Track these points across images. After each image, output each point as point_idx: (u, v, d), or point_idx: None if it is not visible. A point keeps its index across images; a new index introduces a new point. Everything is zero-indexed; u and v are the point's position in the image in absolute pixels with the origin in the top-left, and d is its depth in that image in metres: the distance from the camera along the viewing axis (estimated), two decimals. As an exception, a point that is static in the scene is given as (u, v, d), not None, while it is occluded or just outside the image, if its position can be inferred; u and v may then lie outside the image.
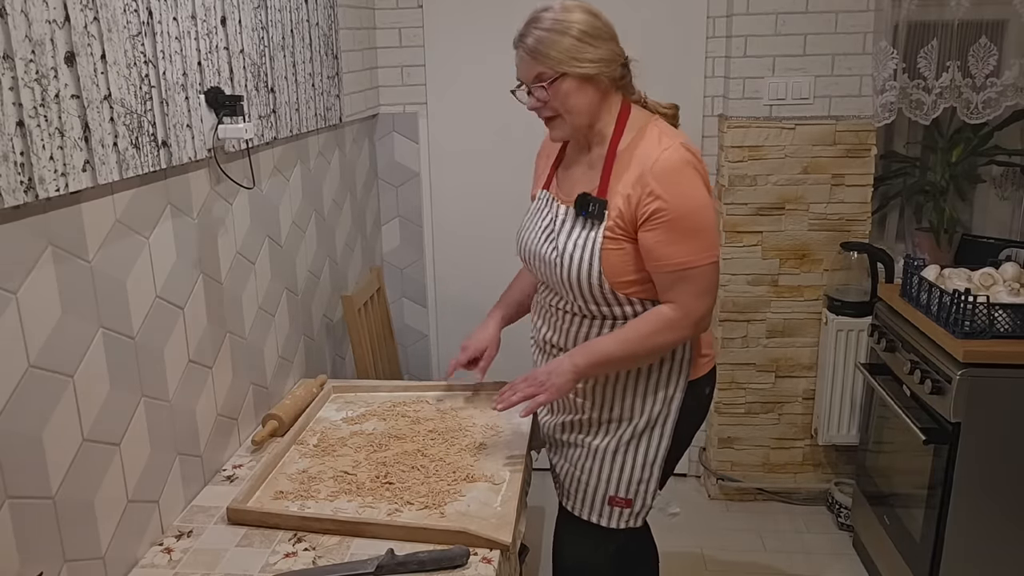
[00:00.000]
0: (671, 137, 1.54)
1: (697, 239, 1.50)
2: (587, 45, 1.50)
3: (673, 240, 1.49)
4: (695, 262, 1.50)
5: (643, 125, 1.57)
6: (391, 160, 3.00)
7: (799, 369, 2.89)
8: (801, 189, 2.73)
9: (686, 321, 1.54)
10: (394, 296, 3.11)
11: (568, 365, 1.57)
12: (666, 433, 1.66)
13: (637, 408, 1.65)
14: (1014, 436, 2.02)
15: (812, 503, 2.96)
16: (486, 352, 1.87)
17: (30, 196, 1.06)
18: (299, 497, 1.54)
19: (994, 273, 2.21)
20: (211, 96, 1.54)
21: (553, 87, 1.51)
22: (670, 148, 1.50)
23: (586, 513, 1.73)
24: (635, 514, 1.71)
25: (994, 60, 2.57)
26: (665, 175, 1.48)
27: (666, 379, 1.64)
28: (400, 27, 2.87)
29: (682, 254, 1.49)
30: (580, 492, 1.73)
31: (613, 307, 1.59)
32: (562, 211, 1.62)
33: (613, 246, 1.54)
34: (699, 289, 1.52)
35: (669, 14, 2.76)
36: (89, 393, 1.22)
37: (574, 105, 1.53)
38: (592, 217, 1.55)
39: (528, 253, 1.69)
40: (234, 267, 1.73)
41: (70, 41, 1.13)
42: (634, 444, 1.66)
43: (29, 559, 1.10)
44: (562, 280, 1.60)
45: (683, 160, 1.50)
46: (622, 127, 1.57)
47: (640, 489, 1.68)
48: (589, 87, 1.53)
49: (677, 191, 1.48)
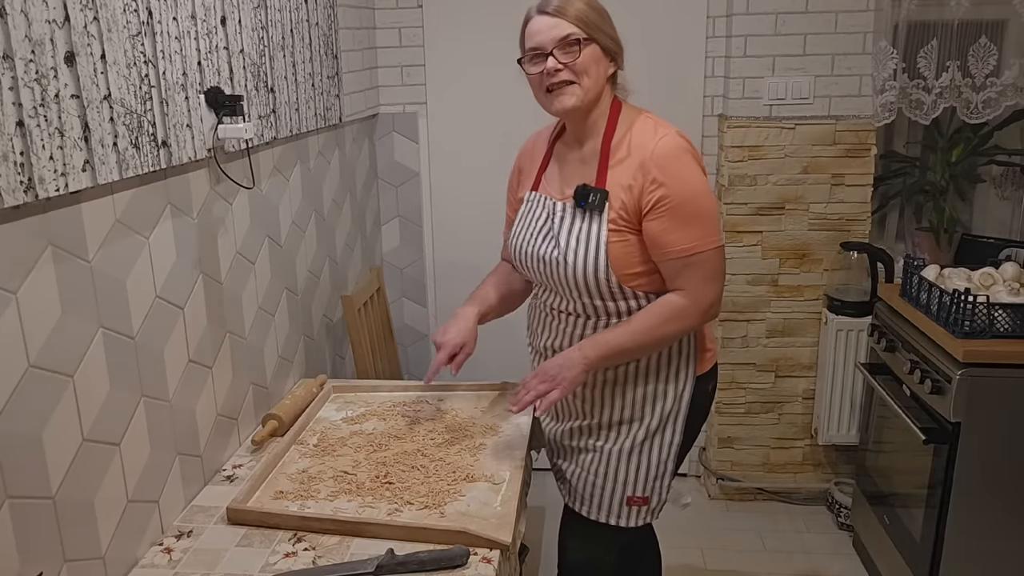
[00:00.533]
0: (665, 126, 1.56)
1: (701, 224, 1.51)
2: (609, 22, 1.56)
3: (678, 226, 1.50)
4: (701, 247, 1.51)
5: (635, 117, 1.59)
6: (391, 160, 3.00)
7: (799, 369, 2.89)
8: (801, 189, 2.73)
9: (695, 308, 1.55)
10: (394, 296, 3.11)
11: (578, 357, 1.56)
12: (678, 428, 1.67)
13: (648, 407, 1.65)
14: (1014, 436, 2.02)
15: (812, 503, 2.96)
16: (463, 347, 1.75)
17: (30, 196, 1.06)
18: (299, 497, 1.54)
19: (994, 273, 2.21)
20: (211, 96, 1.54)
21: (581, 49, 1.51)
22: (667, 136, 1.53)
23: (603, 516, 1.72)
24: (652, 510, 1.71)
25: (994, 60, 2.57)
26: (666, 162, 1.50)
27: (675, 376, 1.65)
28: (400, 27, 2.87)
29: (688, 240, 1.50)
30: (596, 496, 1.71)
31: (619, 302, 1.59)
32: (559, 207, 1.61)
33: (618, 238, 1.54)
34: (707, 274, 1.53)
35: (669, 14, 2.76)
36: (89, 393, 1.22)
37: (595, 73, 1.54)
38: (592, 208, 1.54)
39: (525, 256, 1.68)
40: (234, 267, 1.73)
41: (70, 41, 1.13)
42: (648, 443, 1.66)
43: (29, 559, 1.10)
44: (565, 278, 1.59)
45: (681, 147, 1.52)
46: (615, 121, 1.58)
47: (656, 485, 1.69)
48: (604, 63, 1.55)
49: (679, 177, 1.50)
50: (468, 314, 1.77)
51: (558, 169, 1.67)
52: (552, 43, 1.51)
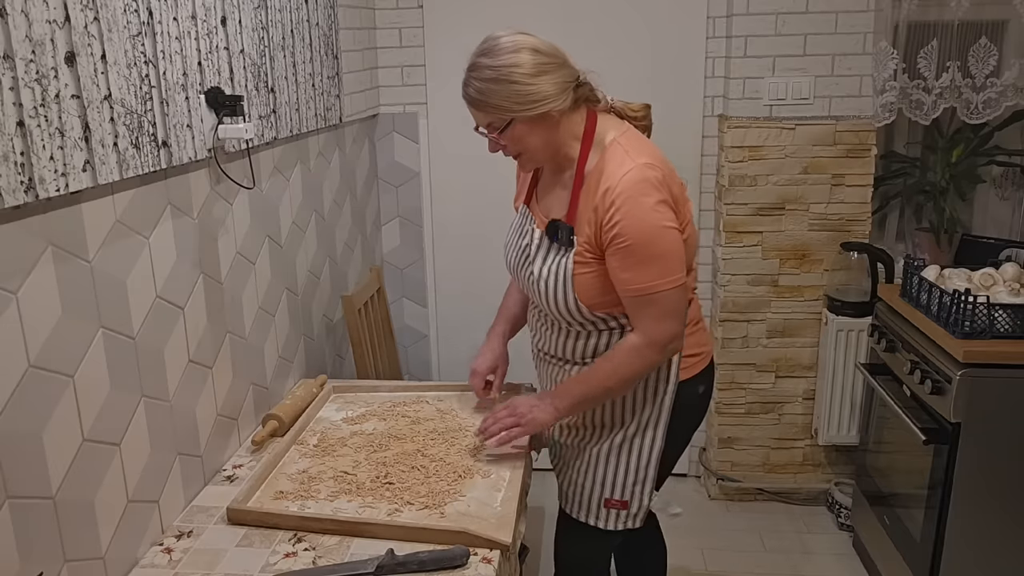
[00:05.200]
0: (634, 156, 1.49)
1: (658, 264, 1.47)
2: (531, 87, 1.45)
3: (632, 265, 1.47)
4: (657, 287, 1.48)
5: (610, 141, 1.53)
6: (391, 160, 3.00)
7: (799, 369, 2.89)
8: (801, 189, 2.73)
9: (650, 348, 1.53)
10: (394, 296, 3.11)
11: (549, 405, 1.60)
12: (659, 435, 1.66)
13: (628, 413, 1.66)
14: (1014, 436, 2.02)
15: (812, 503, 2.96)
16: (497, 371, 1.87)
17: (30, 196, 1.06)
18: (299, 497, 1.54)
19: (994, 273, 2.21)
20: (211, 96, 1.54)
21: (505, 134, 1.51)
22: (632, 170, 1.46)
23: (583, 515, 1.73)
24: (632, 515, 1.70)
25: (994, 60, 2.57)
26: (625, 200, 1.45)
27: (654, 384, 1.64)
28: (400, 27, 2.87)
29: (643, 279, 1.48)
30: (577, 495, 1.73)
31: (598, 323, 1.60)
32: (536, 235, 1.63)
33: (584, 270, 1.54)
34: (661, 312, 1.50)
35: (669, 14, 2.76)
36: (89, 393, 1.22)
37: (530, 144, 1.53)
38: (561, 243, 1.56)
39: (513, 267, 1.72)
40: (234, 267, 1.73)
41: (70, 41, 1.14)
42: (626, 447, 1.67)
43: (29, 559, 1.10)
44: (543, 302, 1.61)
45: (644, 182, 1.45)
46: (588, 145, 1.55)
47: (636, 491, 1.68)
48: (542, 124, 1.50)
49: (636, 215, 1.45)
50: (496, 335, 1.88)
51: (545, 186, 1.68)
52: (482, 125, 1.55)
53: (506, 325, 1.90)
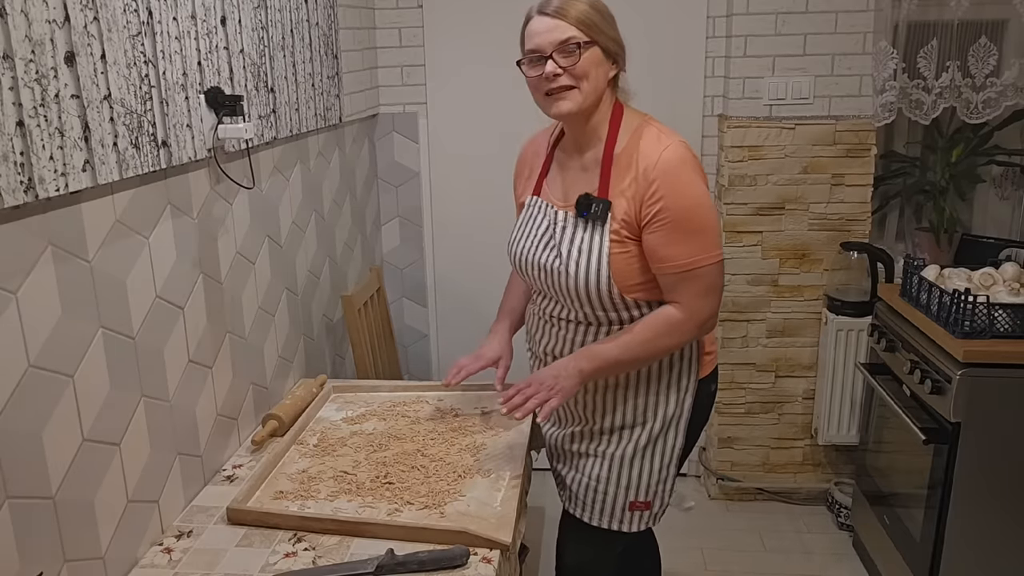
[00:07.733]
0: (669, 136, 1.53)
1: (701, 238, 1.49)
2: (611, 24, 1.53)
3: (677, 240, 1.48)
4: (699, 262, 1.49)
5: (638, 125, 1.56)
6: (391, 160, 3.00)
7: (799, 369, 2.89)
8: (801, 189, 2.73)
9: (691, 323, 1.53)
10: (394, 296, 3.11)
11: (573, 368, 1.54)
12: (680, 432, 1.66)
13: (651, 412, 1.65)
14: (1014, 436, 2.02)
15: (812, 503, 2.96)
16: (501, 361, 1.81)
17: (30, 196, 1.06)
18: (299, 497, 1.54)
19: (994, 273, 2.21)
20: (211, 96, 1.54)
21: (580, 54, 1.48)
22: (670, 147, 1.49)
23: (605, 522, 1.70)
24: (654, 515, 1.71)
25: (994, 60, 2.57)
26: (667, 175, 1.47)
27: (676, 380, 1.64)
28: (400, 27, 2.87)
29: (686, 254, 1.48)
30: (598, 502, 1.70)
31: (620, 311, 1.58)
32: (561, 216, 1.59)
33: (620, 249, 1.52)
34: (703, 288, 1.51)
35: (669, 14, 2.76)
36: (89, 393, 1.22)
37: (595, 76, 1.51)
38: (594, 218, 1.53)
39: (525, 263, 1.66)
40: (234, 267, 1.73)
41: (70, 41, 1.13)
42: (651, 448, 1.65)
43: (29, 559, 1.10)
44: (567, 287, 1.57)
45: (684, 159, 1.49)
46: (616, 127, 1.55)
47: (659, 490, 1.68)
48: (605, 66, 1.52)
49: (679, 191, 1.47)
50: (501, 330, 1.86)
51: (560, 175, 1.65)
52: (551, 46, 1.48)
53: (510, 319, 1.88)
